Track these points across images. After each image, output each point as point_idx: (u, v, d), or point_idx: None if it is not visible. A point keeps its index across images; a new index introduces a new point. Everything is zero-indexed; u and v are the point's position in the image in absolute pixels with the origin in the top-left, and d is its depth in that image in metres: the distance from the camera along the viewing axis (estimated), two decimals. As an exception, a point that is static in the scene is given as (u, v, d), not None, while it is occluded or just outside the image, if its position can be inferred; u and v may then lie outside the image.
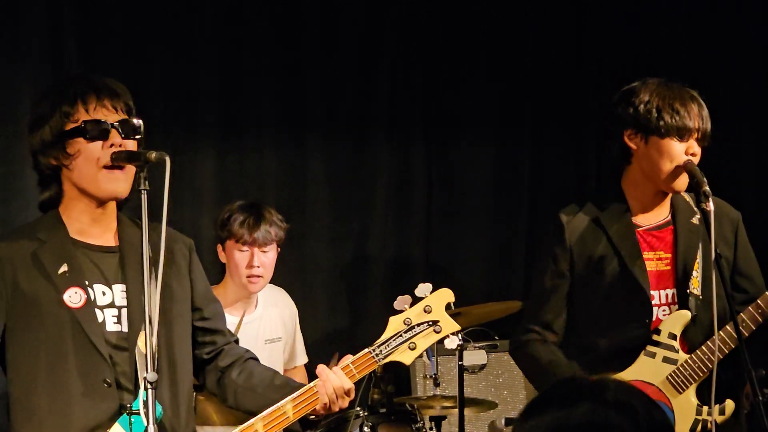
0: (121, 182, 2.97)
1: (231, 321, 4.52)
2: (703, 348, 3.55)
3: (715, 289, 3.38)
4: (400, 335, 3.09)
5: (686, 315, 3.58)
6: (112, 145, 2.94)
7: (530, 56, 5.73)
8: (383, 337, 3.10)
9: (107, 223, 3.06)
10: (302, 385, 3.10)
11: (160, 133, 4.96)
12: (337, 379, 3.06)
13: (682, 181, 3.55)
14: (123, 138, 2.95)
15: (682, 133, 3.52)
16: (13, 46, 4.78)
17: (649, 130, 3.54)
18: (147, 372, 2.70)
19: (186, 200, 5.07)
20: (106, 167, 2.94)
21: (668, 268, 3.64)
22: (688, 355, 3.56)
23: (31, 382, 2.95)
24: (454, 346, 3.17)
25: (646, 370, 3.56)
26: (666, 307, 3.62)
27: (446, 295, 3.15)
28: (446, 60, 5.63)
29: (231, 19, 5.22)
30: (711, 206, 3.38)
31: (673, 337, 3.57)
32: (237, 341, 3.31)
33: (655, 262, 3.64)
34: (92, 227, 3.04)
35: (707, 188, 3.42)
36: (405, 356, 3.10)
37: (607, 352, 3.59)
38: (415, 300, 3.14)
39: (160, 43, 5.08)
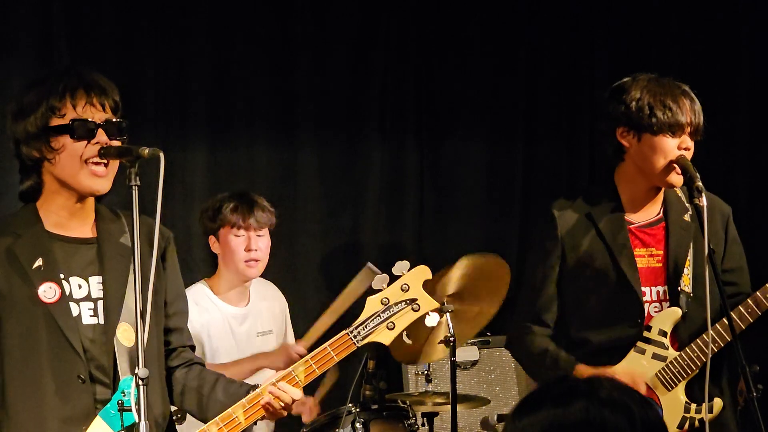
0: (102, 180, 2.96)
1: (234, 313, 4.51)
2: (693, 345, 3.54)
3: (708, 285, 3.38)
4: (378, 315, 3.06)
5: (677, 312, 3.57)
6: (97, 143, 2.94)
7: (524, 52, 5.72)
8: (361, 318, 3.07)
9: (85, 215, 3.04)
10: (248, 390, 3.07)
11: (150, 127, 4.96)
12: (287, 396, 3.02)
13: (677, 176, 3.54)
14: (109, 138, 2.94)
15: (675, 129, 3.51)
16: (2, 41, 4.76)
17: (642, 127, 3.53)
18: (138, 368, 2.69)
19: (177, 195, 5.05)
20: (90, 163, 2.93)
21: (660, 265, 3.63)
22: (678, 353, 3.55)
23: (5, 378, 2.93)
24: (434, 324, 3.14)
25: (635, 367, 3.54)
26: (657, 304, 3.61)
27: (423, 272, 3.11)
28: (439, 55, 5.62)
29: (222, 12, 5.20)
30: (704, 201, 3.37)
31: (663, 334, 3.56)
32: (193, 348, 3.27)
33: (646, 258, 3.63)
34: (70, 220, 3.02)
35: (700, 183, 3.41)
36: (384, 336, 3.07)
37: (598, 348, 3.59)
38: (393, 279, 3.10)
39: (151, 38, 5.06)
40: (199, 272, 4.70)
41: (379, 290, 3.09)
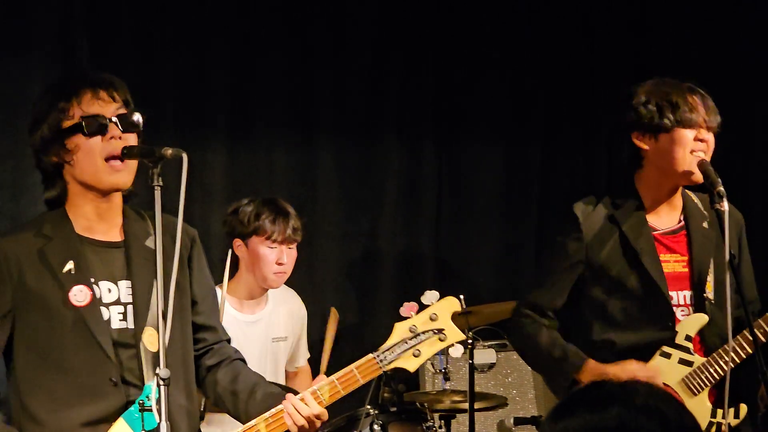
0: (122, 174, 2.96)
1: (246, 320, 4.51)
2: (720, 352, 3.53)
3: (729, 291, 3.36)
4: (405, 342, 3.08)
5: (703, 318, 3.56)
6: (111, 138, 2.94)
7: (541, 55, 5.72)
8: (388, 343, 3.09)
9: (113, 217, 3.04)
10: (284, 394, 3.08)
11: (170, 129, 4.97)
12: (306, 408, 3.03)
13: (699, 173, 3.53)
14: (122, 132, 2.94)
15: (686, 123, 3.51)
16: (24, 43, 4.78)
17: (654, 128, 3.54)
18: (160, 369, 2.69)
19: (196, 197, 5.06)
20: (107, 159, 2.93)
21: (686, 270, 3.62)
22: (705, 359, 3.55)
23: (36, 379, 2.94)
24: (459, 355, 3.17)
25: (662, 371, 3.53)
26: (685, 308, 3.60)
27: (452, 303, 3.15)
28: (457, 59, 5.62)
29: (242, 16, 5.22)
30: (725, 206, 3.37)
31: (688, 339, 3.55)
32: (229, 341, 3.28)
33: (672, 263, 3.62)
34: (98, 223, 3.02)
35: (722, 188, 3.40)
36: (409, 363, 3.09)
37: (623, 349, 3.56)
38: (422, 307, 3.13)
39: (172, 40, 5.08)
40: (217, 273, 4.70)
41: (407, 318, 3.12)
